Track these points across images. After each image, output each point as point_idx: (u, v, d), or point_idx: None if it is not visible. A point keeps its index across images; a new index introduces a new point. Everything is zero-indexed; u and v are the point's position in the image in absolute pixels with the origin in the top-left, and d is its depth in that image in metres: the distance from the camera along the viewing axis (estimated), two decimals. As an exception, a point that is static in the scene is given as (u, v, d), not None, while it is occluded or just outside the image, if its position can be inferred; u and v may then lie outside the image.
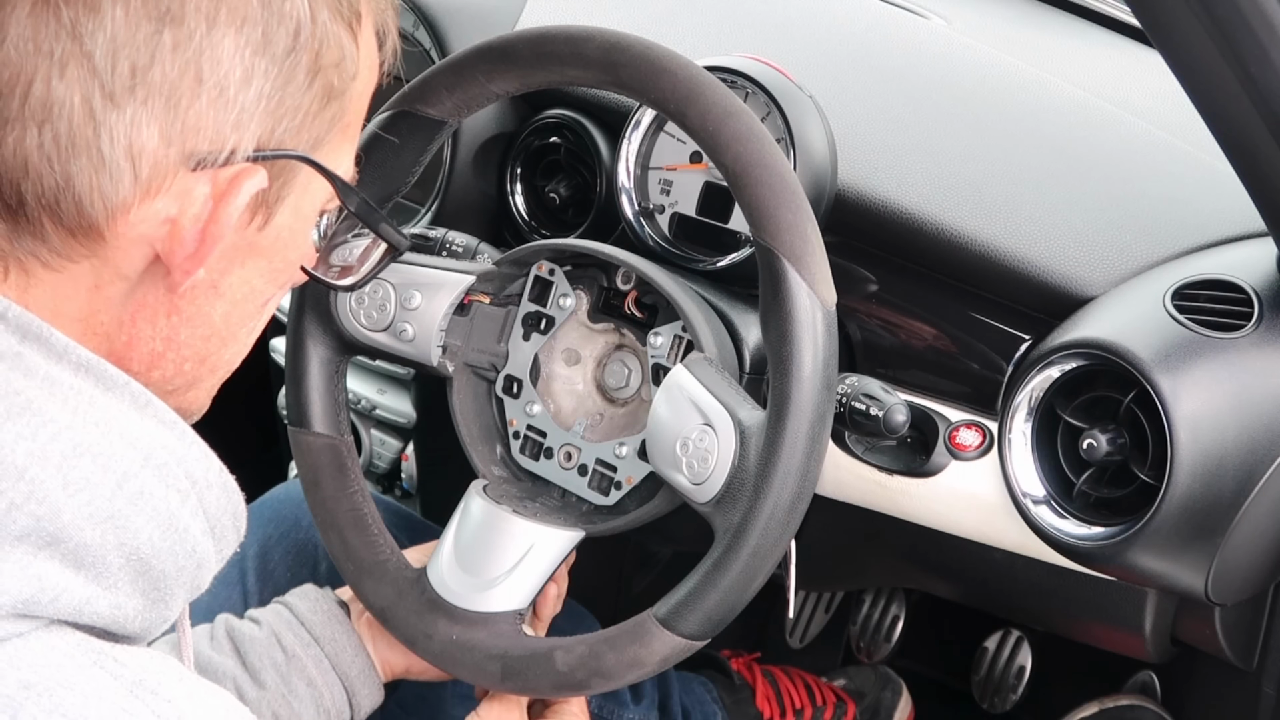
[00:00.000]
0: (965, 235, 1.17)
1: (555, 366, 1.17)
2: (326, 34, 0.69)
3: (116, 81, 0.64)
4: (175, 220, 0.67)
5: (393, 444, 1.63)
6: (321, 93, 0.70)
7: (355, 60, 0.72)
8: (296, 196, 0.72)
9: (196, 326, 0.73)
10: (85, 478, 0.64)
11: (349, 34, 0.71)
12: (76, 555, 0.63)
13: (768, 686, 1.63)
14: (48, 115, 0.64)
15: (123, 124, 0.65)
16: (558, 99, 1.35)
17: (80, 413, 0.65)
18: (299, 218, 0.74)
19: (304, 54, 0.68)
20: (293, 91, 0.68)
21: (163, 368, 0.74)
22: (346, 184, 0.75)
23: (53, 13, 0.63)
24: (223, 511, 0.72)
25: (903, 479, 1.18)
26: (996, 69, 1.44)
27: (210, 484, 0.70)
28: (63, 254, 0.67)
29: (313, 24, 0.68)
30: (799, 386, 0.92)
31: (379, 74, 0.76)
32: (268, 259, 0.74)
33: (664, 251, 1.24)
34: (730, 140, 0.95)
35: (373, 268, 0.88)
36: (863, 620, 1.91)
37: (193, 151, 0.66)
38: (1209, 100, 0.95)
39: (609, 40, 0.98)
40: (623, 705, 1.36)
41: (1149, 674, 1.59)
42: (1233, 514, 1.05)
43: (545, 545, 1.07)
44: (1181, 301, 1.07)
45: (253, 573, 1.24)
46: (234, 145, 0.67)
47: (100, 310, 0.70)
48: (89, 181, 0.65)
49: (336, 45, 0.70)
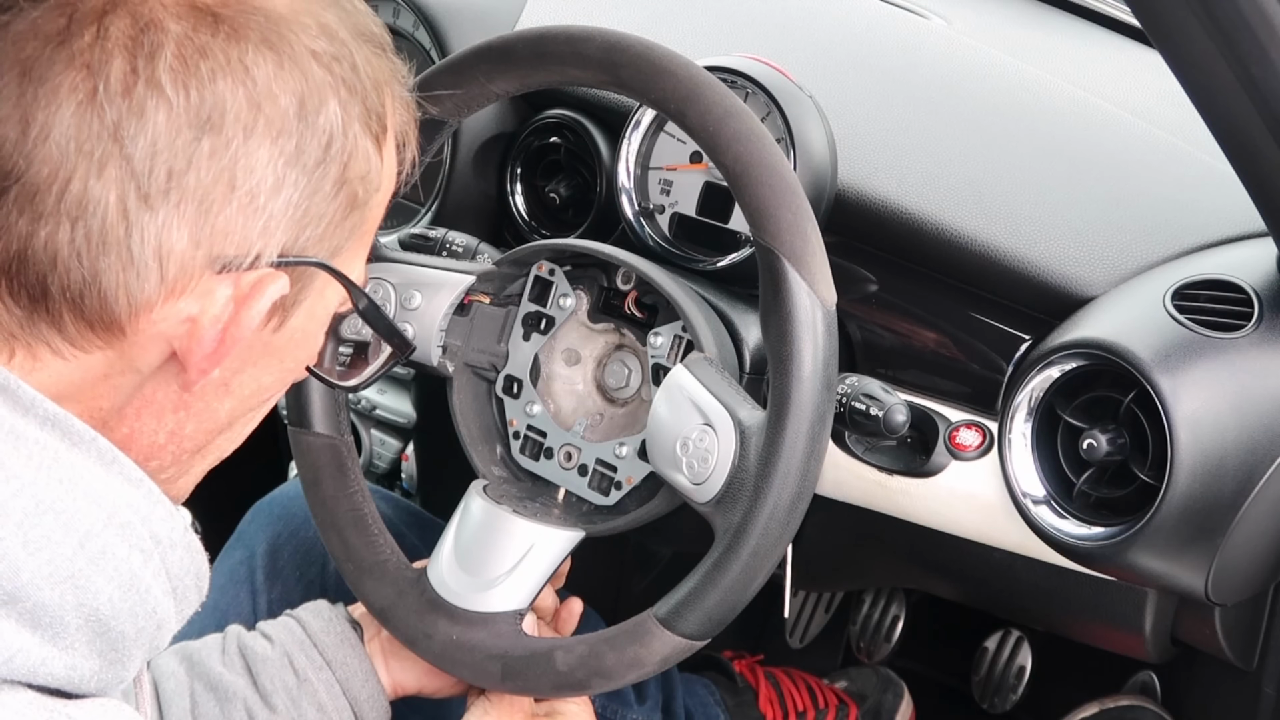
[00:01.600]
0: (965, 235, 1.17)
1: (555, 366, 1.17)
2: (356, 147, 0.71)
3: (152, 184, 0.65)
4: (196, 320, 0.68)
5: (393, 444, 1.63)
6: (346, 203, 0.71)
7: (379, 173, 0.74)
8: (312, 300, 0.74)
9: (203, 421, 0.74)
10: (46, 536, 0.63)
11: (375, 146, 0.73)
12: (34, 615, 0.63)
13: (770, 689, 1.63)
14: (82, 213, 0.65)
15: (154, 225, 0.66)
16: (558, 99, 1.35)
17: (44, 469, 0.65)
18: (313, 320, 0.76)
19: (333, 165, 0.70)
20: (319, 201, 0.70)
21: (161, 459, 0.74)
22: (361, 290, 0.77)
23: (97, 113, 0.64)
24: (186, 572, 0.71)
25: (903, 479, 1.18)
26: (997, 69, 1.44)
27: (174, 544, 0.70)
28: (78, 345, 0.68)
29: (344, 137, 0.70)
30: (799, 386, 0.92)
31: (397, 183, 0.78)
32: (279, 359, 0.75)
33: (664, 251, 1.24)
34: (730, 140, 0.95)
35: (378, 369, 0.90)
36: (863, 620, 1.91)
37: (219, 255, 0.67)
38: (1209, 100, 0.95)
39: (609, 40, 0.98)
40: (626, 706, 1.36)
41: (1149, 674, 1.59)
42: (1233, 514, 1.05)
43: (545, 545, 1.07)
44: (1181, 301, 1.07)
45: (261, 570, 1.24)
46: (259, 251, 0.68)
47: (103, 398, 0.70)
48: (116, 279, 0.66)
49: (364, 158, 0.72)
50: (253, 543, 1.28)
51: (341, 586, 1.21)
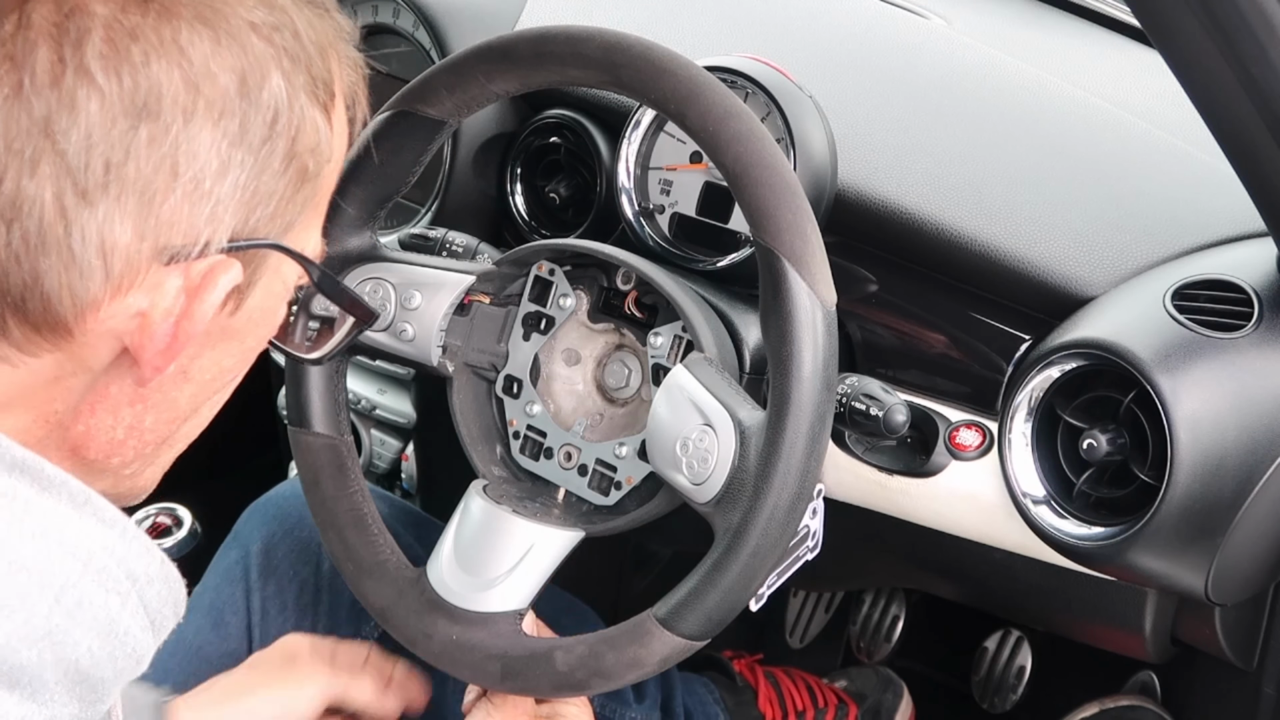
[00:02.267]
0: (965, 235, 1.17)
1: (555, 366, 1.17)
2: (304, 119, 0.68)
3: (90, 178, 0.62)
4: (146, 314, 0.65)
5: (393, 444, 1.63)
6: (296, 177, 0.69)
7: (329, 143, 0.71)
8: (268, 279, 0.71)
9: (162, 412, 0.72)
10: (21, 596, 0.61)
11: (324, 115, 0.70)
12: (11, 676, 0.61)
13: (770, 688, 1.63)
14: (17, 214, 0.62)
15: (95, 221, 0.63)
16: (558, 99, 1.35)
17: (15, 522, 0.62)
18: (271, 297, 0.73)
19: (281, 141, 0.67)
20: (268, 179, 0.67)
21: (122, 454, 0.72)
22: (316, 265, 0.74)
23: (25, 108, 0.61)
24: (164, 603, 0.69)
25: (903, 479, 1.18)
26: (996, 69, 1.44)
27: (151, 579, 0.68)
28: (24, 350, 0.65)
29: (290, 110, 0.67)
30: (799, 386, 0.92)
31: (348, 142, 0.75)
32: (239, 340, 0.73)
33: (664, 251, 1.24)
34: (730, 140, 0.95)
35: (341, 340, 0.86)
36: (863, 620, 1.91)
37: (166, 246, 0.65)
38: (1209, 100, 0.95)
39: (609, 40, 0.98)
40: (625, 704, 1.36)
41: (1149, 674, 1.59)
42: (1233, 514, 1.05)
43: (545, 545, 1.07)
44: (1181, 301, 1.07)
45: (255, 569, 1.24)
46: (208, 237, 0.66)
47: (56, 400, 0.67)
48: (59, 279, 0.63)
49: (313, 129, 0.69)
50: (247, 541, 1.28)
51: (336, 584, 1.22)
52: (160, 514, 1.65)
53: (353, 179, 1.10)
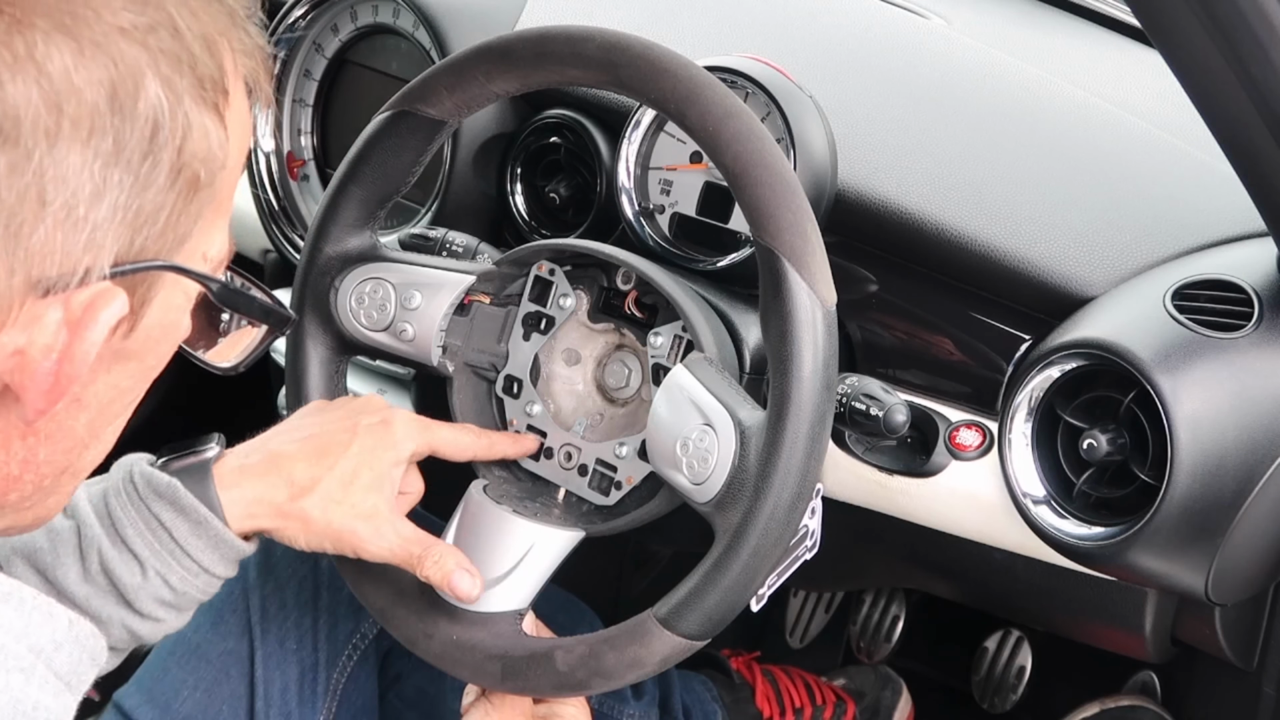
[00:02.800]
0: (965, 235, 1.17)
1: (555, 366, 1.17)
2: (190, 125, 0.62)
3: None
4: (24, 351, 0.60)
5: (393, 444, 1.62)
6: (187, 189, 0.63)
7: (224, 146, 0.65)
8: (166, 294, 0.66)
9: (58, 443, 0.67)
10: None
11: (215, 117, 0.64)
12: None
13: (767, 686, 1.63)
14: None
15: None
16: (558, 99, 1.35)
17: None
18: (170, 312, 0.67)
19: (164, 153, 0.61)
20: (153, 196, 0.61)
21: (20, 489, 0.67)
22: (215, 279, 0.68)
23: None
24: (77, 662, 0.65)
25: (903, 479, 1.18)
26: (997, 69, 1.44)
27: (59, 645, 0.64)
28: None
29: (172, 119, 0.61)
30: (799, 386, 0.92)
31: (252, 134, 0.70)
32: (139, 360, 0.68)
33: (664, 251, 1.24)
34: (730, 140, 0.95)
35: (256, 346, 0.79)
36: (863, 620, 1.91)
37: (40, 278, 0.59)
38: (1209, 100, 0.95)
39: (609, 40, 0.98)
40: (624, 702, 1.36)
41: (1149, 674, 1.59)
42: (1233, 514, 1.05)
43: (545, 545, 1.07)
44: (1181, 301, 1.07)
45: (254, 568, 1.24)
46: (88, 265, 0.60)
47: None
48: None
49: (201, 135, 0.63)
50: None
51: (335, 582, 1.22)
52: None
53: (353, 179, 1.10)
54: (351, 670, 1.24)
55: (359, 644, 1.24)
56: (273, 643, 1.21)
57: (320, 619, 1.24)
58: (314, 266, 1.13)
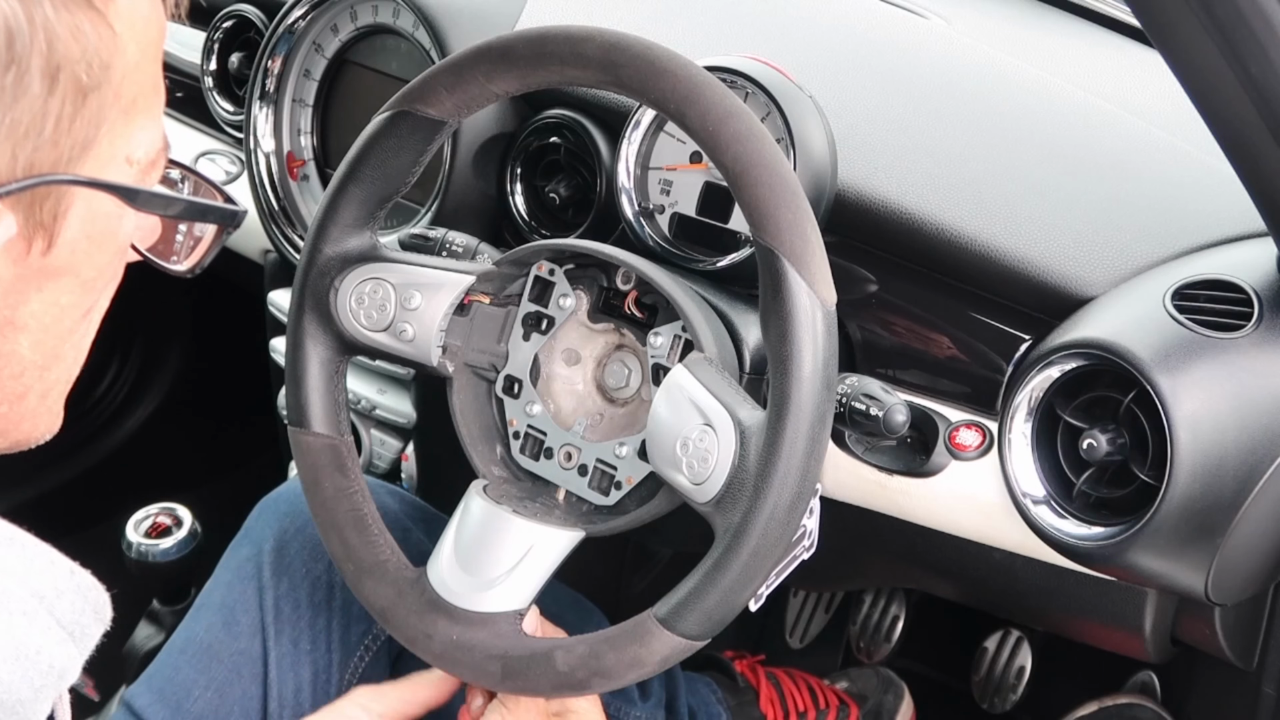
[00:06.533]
0: (965, 235, 1.17)
1: (555, 366, 1.17)
2: (53, 29, 0.58)
3: None
4: None
5: (393, 444, 1.63)
6: (72, 94, 0.60)
7: (110, 40, 0.61)
8: (84, 204, 0.63)
9: (6, 367, 0.65)
10: None
11: (92, 14, 0.60)
12: None
13: (771, 689, 1.63)
14: None
15: None
16: (558, 99, 1.35)
17: None
18: (97, 220, 0.64)
19: (30, 60, 0.58)
20: (28, 106, 0.58)
21: None
22: (123, 186, 0.65)
23: None
24: (80, 613, 0.65)
25: (903, 479, 1.18)
26: (996, 69, 1.44)
27: (61, 592, 0.64)
28: None
29: (30, 24, 0.57)
30: (799, 386, 0.92)
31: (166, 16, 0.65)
32: (73, 274, 0.65)
33: (664, 251, 1.24)
34: (730, 140, 0.95)
35: (208, 247, 0.75)
36: (863, 620, 1.91)
37: None
38: (1209, 100, 0.95)
39: (609, 40, 0.98)
40: (630, 702, 1.36)
41: (1149, 674, 1.59)
42: (1233, 514, 1.05)
43: (545, 545, 1.07)
44: (1181, 301, 1.07)
45: (268, 566, 1.24)
46: None
47: None
48: None
49: (71, 35, 0.59)
50: (259, 539, 1.28)
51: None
52: (160, 514, 1.65)
53: (352, 179, 1.10)
54: (364, 671, 1.24)
55: (371, 645, 1.25)
56: (286, 643, 1.21)
57: (333, 620, 1.24)
58: (314, 267, 1.13)
